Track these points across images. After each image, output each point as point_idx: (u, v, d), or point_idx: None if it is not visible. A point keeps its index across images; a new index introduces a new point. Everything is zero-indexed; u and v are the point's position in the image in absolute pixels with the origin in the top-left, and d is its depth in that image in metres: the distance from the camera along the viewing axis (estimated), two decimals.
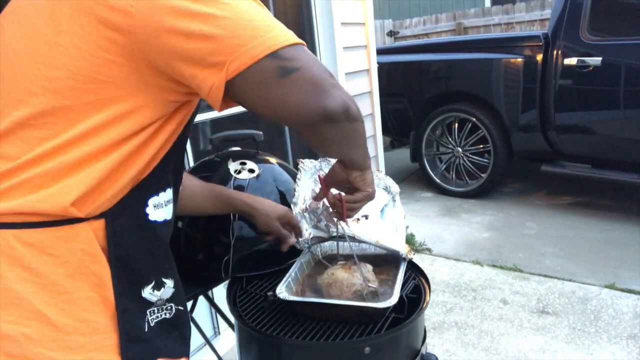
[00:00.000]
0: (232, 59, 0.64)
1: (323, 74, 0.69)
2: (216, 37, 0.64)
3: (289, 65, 0.66)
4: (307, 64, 0.68)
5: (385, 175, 1.34)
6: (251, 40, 0.65)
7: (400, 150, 5.66)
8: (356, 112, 0.73)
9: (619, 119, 3.30)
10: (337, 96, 0.69)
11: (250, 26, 0.66)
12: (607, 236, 3.20)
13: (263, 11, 0.69)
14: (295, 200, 1.19)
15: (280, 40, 0.66)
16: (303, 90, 0.67)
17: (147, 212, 0.75)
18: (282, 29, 0.68)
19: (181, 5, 0.64)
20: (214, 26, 0.64)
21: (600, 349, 2.13)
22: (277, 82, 0.66)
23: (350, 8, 3.13)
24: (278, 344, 1.00)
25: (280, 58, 0.66)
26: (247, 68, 0.65)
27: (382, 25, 7.66)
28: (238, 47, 0.64)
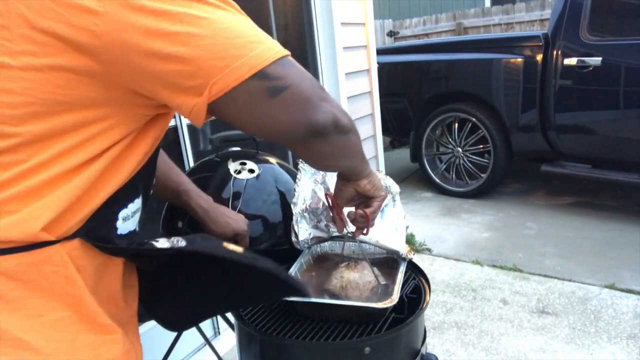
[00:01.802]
0: (215, 81, 0.60)
1: (313, 89, 0.67)
2: (195, 59, 0.59)
3: (278, 85, 0.63)
4: (297, 80, 0.65)
5: (385, 175, 1.34)
6: (234, 60, 0.60)
7: (400, 150, 5.66)
8: (347, 123, 0.71)
9: (619, 119, 3.30)
10: (326, 110, 0.67)
11: (233, 45, 0.60)
12: (607, 236, 3.20)
13: (245, 23, 0.64)
14: (295, 200, 1.19)
15: (265, 57, 0.62)
16: (293, 108, 0.65)
17: (116, 225, 0.71)
18: (267, 43, 0.64)
19: (154, 24, 0.58)
20: (192, 47, 0.59)
21: (600, 349, 2.13)
22: (266, 103, 0.63)
23: (350, 8, 3.13)
24: (278, 344, 1.00)
25: (267, 78, 0.62)
26: (231, 90, 0.61)
27: (382, 25, 7.66)
28: (220, 68, 0.60)
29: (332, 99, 0.70)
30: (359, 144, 0.80)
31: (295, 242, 1.19)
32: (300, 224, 1.19)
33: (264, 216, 1.23)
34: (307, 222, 1.20)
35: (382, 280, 1.09)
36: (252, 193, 1.21)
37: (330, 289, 1.09)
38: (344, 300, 1.03)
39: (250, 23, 0.65)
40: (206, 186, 1.26)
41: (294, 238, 1.18)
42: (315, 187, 1.22)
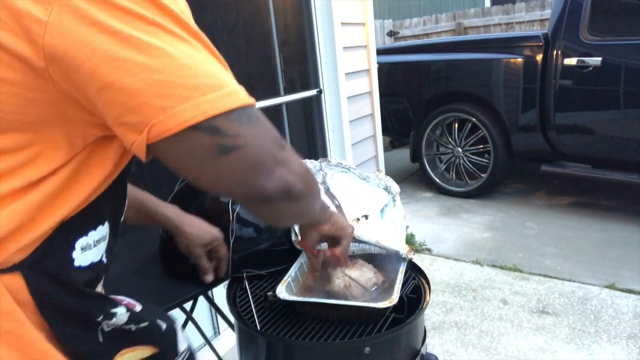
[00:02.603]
0: (155, 122, 0.51)
1: (268, 151, 0.57)
2: (138, 93, 0.51)
3: (229, 143, 0.54)
4: (253, 139, 0.56)
5: (385, 176, 1.34)
6: (181, 101, 0.51)
7: (400, 150, 5.66)
8: (301, 190, 0.62)
9: (619, 119, 3.30)
10: (279, 177, 0.58)
11: (185, 84, 0.52)
12: (607, 236, 3.20)
13: (208, 61, 0.55)
14: None
15: (219, 103, 0.53)
16: (240, 172, 0.56)
17: (72, 256, 0.63)
18: (226, 88, 0.54)
19: (102, 45, 0.50)
20: (138, 79, 0.50)
21: (600, 349, 2.13)
22: (210, 159, 0.54)
23: (350, 8, 3.13)
24: (278, 344, 1.00)
25: (218, 132, 0.53)
26: (172, 135, 0.52)
27: (382, 25, 7.66)
28: (164, 109, 0.51)
29: (291, 159, 0.60)
30: (315, 203, 0.72)
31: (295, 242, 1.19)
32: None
33: None
34: None
35: (380, 276, 1.09)
36: None
37: (334, 289, 1.08)
38: (350, 299, 1.03)
39: (214, 62, 0.56)
40: None
41: (294, 237, 1.18)
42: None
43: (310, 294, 1.09)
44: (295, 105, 2.97)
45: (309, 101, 3.06)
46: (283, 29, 2.86)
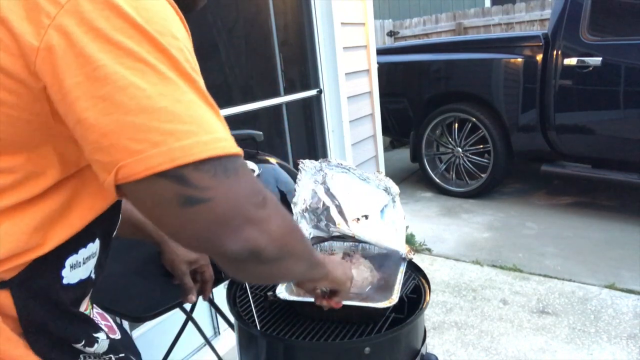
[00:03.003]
0: (123, 164, 0.49)
1: (239, 208, 0.53)
2: (110, 133, 0.49)
3: (195, 195, 0.51)
4: (222, 194, 0.52)
5: (385, 177, 1.34)
6: (152, 147, 0.49)
7: (400, 150, 5.66)
8: (275, 253, 0.57)
9: (619, 119, 3.30)
10: (246, 237, 0.54)
11: (159, 129, 0.49)
12: (607, 236, 3.20)
13: (194, 104, 0.52)
14: (296, 200, 1.19)
15: (193, 151, 0.50)
16: (203, 226, 0.52)
17: (62, 274, 0.62)
18: (205, 135, 0.51)
19: (88, 76, 0.49)
20: (112, 119, 0.48)
21: (600, 349, 2.13)
22: (174, 210, 0.51)
23: (350, 8, 3.13)
24: (278, 344, 1.00)
25: (185, 182, 0.50)
26: (138, 180, 0.50)
27: (382, 25, 7.66)
28: (133, 152, 0.49)
29: (270, 218, 0.56)
30: (299, 265, 0.66)
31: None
32: (300, 224, 1.19)
33: None
34: (307, 222, 1.20)
35: (376, 273, 1.09)
36: None
37: None
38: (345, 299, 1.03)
39: (201, 107, 0.52)
40: None
41: None
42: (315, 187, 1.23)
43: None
44: (295, 105, 2.97)
45: (309, 101, 3.06)
46: (283, 29, 2.86)
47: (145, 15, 0.51)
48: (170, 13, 0.54)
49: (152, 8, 0.52)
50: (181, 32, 0.54)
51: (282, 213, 0.59)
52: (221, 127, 0.53)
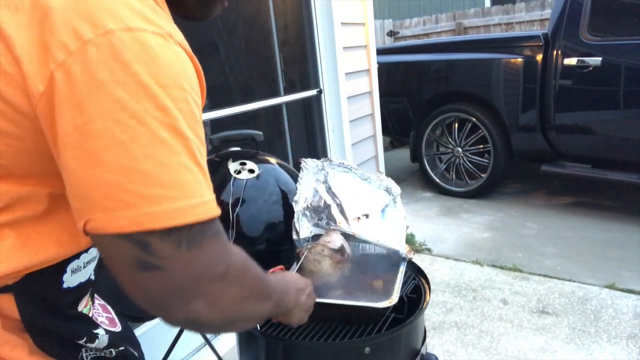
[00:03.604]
0: (93, 218, 0.51)
1: (191, 280, 0.54)
2: (88, 187, 0.50)
3: (152, 262, 0.52)
4: (179, 265, 0.53)
5: (386, 177, 1.34)
6: (125, 207, 0.50)
7: (400, 150, 5.66)
8: (215, 323, 0.59)
9: (619, 119, 3.30)
10: (191, 310, 0.55)
11: (136, 191, 0.50)
12: (607, 236, 3.20)
13: (180, 168, 0.52)
14: (297, 198, 1.20)
15: (163, 218, 0.50)
16: (153, 292, 0.54)
17: (63, 279, 0.64)
18: (183, 202, 0.51)
19: (79, 128, 0.49)
20: (93, 174, 0.50)
21: (600, 349, 2.13)
22: (130, 272, 0.53)
23: (350, 8, 3.13)
24: (278, 344, 1.00)
25: (147, 248, 0.51)
26: (103, 235, 0.51)
27: (382, 25, 7.66)
28: (105, 209, 0.50)
29: (224, 292, 0.57)
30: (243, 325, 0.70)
31: (297, 240, 1.19)
32: (301, 222, 1.19)
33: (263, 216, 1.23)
34: (308, 220, 1.20)
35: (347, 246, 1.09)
36: (253, 193, 1.21)
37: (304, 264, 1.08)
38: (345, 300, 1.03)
39: (187, 170, 0.52)
40: None
41: (294, 236, 1.18)
42: (317, 186, 1.23)
43: None
44: (295, 105, 2.97)
45: (309, 101, 3.06)
46: (283, 29, 2.86)
47: (153, 69, 0.51)
48: (184, 62, 0.54)
49: (164, 60, 0.52)
50: (191, 81, 0.55)
51: (243, 279, 0.60)
52: (203, 190, 0.54)
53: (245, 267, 0.62)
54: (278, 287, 0.75)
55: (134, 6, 0.52)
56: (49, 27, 0.50)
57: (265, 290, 0.68)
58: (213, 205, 0.55)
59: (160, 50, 0.52)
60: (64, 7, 0.50)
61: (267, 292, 0.68)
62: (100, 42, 0.50)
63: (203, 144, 0.57)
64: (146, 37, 0.51)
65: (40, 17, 0.51)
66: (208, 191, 0.55)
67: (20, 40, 0.51)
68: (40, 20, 0.51)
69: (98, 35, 0.50)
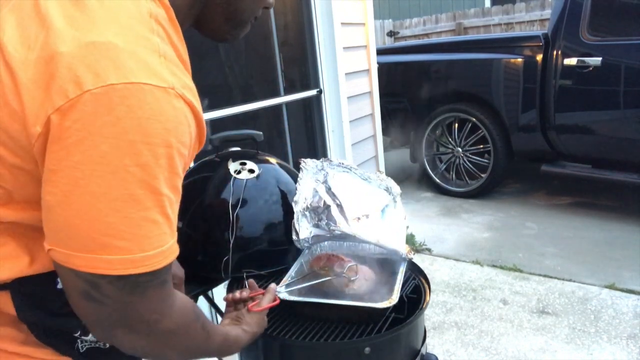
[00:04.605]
0: (52, 248, 0.56)
1: (125, 320, 0.60)
2: (55, 222, 0.56)
3: (96, 296, 0.58)
4: (119, 305, 0.59)
5: (386, 177, 1.34)
6: (85, 251, 0.55)
7: (400, 150, 5.66)
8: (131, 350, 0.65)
9: (619, 119, 3.30)
10: (111, 337, 0.63)
11: (97, 240, 0.54)
12: (607, 236, 3.20)
13: (144, 221, 0.56)
14: (297, 199, 1.19)
15: (116, 267, 0.56)
16: (92, 318, 0.61)
17: (57, 280, 0.65)
18: (140, 253, 0.56)
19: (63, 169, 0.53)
20: (60, 215, 0.55)
21: (600, 349, 2.13)
22: (76, 298, 0.59)
23: (350, 8, 3.13)
24: (278, 344, 1.00)
25: (95, 287, 0.57)
26: (59, 264, 0.57)
27: (382, 25, 7.67)
28: (66, 246, 0.55)
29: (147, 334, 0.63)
30: None
31: (296, 241, 1.19)
32: (301, 223, 1.19)
33: (263, 216, 1.22)
34: (308, 221, 1.20)
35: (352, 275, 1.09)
36: (252, 193, 1.21)
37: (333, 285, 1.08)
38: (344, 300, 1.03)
39: (151, 223, 0.56)
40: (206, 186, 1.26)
41: (294, 236, 1.18)
42: (316, 186, 1.23)
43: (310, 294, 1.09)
44: (295, 105, 2.97)
45: (309, 101, 3.06)
46: (283, 29, 2.86)
47: (144, 126, 0.53)
48: (179, 117, 0.56)
49: (157, 117, 0.54)
50: (182, 136, 0.57)
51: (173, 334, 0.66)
52: (163, 240, 0.58)
53: (183, 322, 0.68)
54: (219, 347, 0.83)
55: (142, 57, 0.55)
56: (53, 70, 0.53)
57: (196, 347, 0.74)
58: (169, 253, 0.59)
59: (156, 106, 0.54)
60: (73, 54, 0.53)
61: (198, 349, 0.75)
62: (98, 93, 0.52)
63: (177, 194, 0.60)
64: (145, 92, 0.53)
65: (47, 58, 0.53)
66: (170, 238, 0.59)
67: (25, 80, 0.53)
68: (47, 61, 0.53)
69: (97, 87, 0.52)
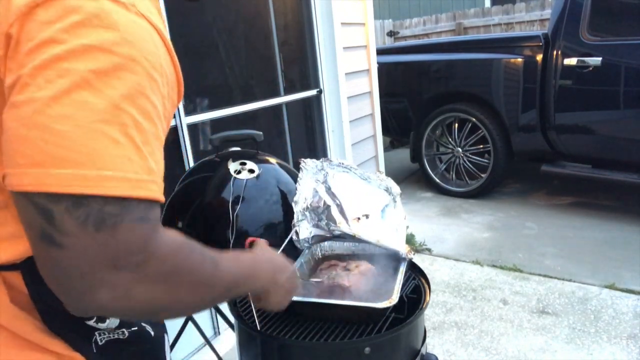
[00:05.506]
0: (7, 172, 0.49)
1: (95, 269, 0.49)
2: (8, 140, 0.49)
3: (54, 236, 0.48)
4: (81, 247, 0.48)
5: (386, 177, 1.34)
6: (32, 165, 0.47)
7: (400, 150, 5.66)
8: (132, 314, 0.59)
9: (619, 119, 3.30)
10: (92, 301, 0.51)
11: (44, 149, 0.47)
12: (607, 236, 3.20)
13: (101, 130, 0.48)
14: (297, 199, 1.20)
15: (68, 184, 0.47)
16: (53, 271, 0.50)
17: None
18: (95, 171, 0.48)
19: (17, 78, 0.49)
20: (11, 127, 0.49)
21: (600, 349, 2.13)
22: (35, 240, 0.50)
23: (350, 8, 3.13)
24: (278, 344, 1.00)
25: (48, 217, 0.48)
26: (15, 192, 0.49)
27: (382, 25, 7.66)
28: (15, 165, 0.48)
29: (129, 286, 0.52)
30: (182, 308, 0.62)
31: (296, 241, 1.19)
32: (301, 223, 1.19)
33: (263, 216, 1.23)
34: (308, 221, 1.20)
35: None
36: (252, 193, 1.21)
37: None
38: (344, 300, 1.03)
39: (108, 138, 0.49)
40: (206, 186, 1.26)
41: (294, 236, 1.18)
42: (316, 186, 1.23)
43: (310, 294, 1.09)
44: (295, 105, 2.97)
45: (309, 101, 3.06)
46: (283, 29, 2.86)
47: (101, 33, 0.49)
48: (142, 34, 0.53)
49: (115, 26, 0.50)
50: (148, 54, 0.52)
51: (170, 274, 0.55)
52: (127, 167, 0.49)
53: (177, 260, 0.56)
54: (236, 272, 0.69)
55: None
56: None
57: (207, 280, 0.62)
58: (142, 185, 0.50)
59: (116, 17, 0.50)
60: None
61: (210, 282, 0.63)
62: (49, 5, 0.49)
63: (150, 121, 0.52)
64: (101, 2, 0.50)
65: None
66: (139, 169, 0.50)
67: None
68: None
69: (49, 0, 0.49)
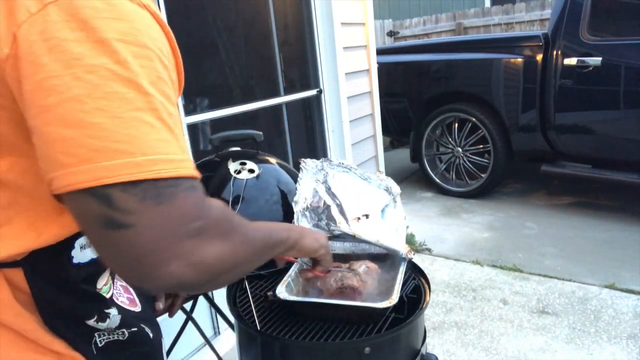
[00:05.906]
0: (54, 176, 0.50)
1: (165, 240, 0.50)
2: (48, 144, 0.49)
3: (118, 218, 0.49)
4: (148, 221, 0.49)
5: (386, 176, 1.34)
6: (81, 162, 0.48)
7: (400, 150, 5.66)
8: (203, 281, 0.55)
9: (619, 119, 3.30)
10: (169, 273, 0.51)
11: (91, 145, 0.48)
12: (607, 236, 3.20)
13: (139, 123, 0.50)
14: (297, 199, 1.19)
15: (121, 172, 0.49)
16: (125, 255, 0.50)
17: (72, 255, 0.63)
18: (143, 157, 0.49)
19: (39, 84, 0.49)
20: (51, 130, 0.49)
21: (600, 349, 2.13)
22: (99, 231, 0.50)
23: (350, 8, 3.13)
24: (278, 344, 1.00)
25: (110, 203, 0.49)
26: (65, 193, 0.50)
27: (382, 25, 7.67)
28: (63, 166, 0.49)
29: (199, 247, 0.53)
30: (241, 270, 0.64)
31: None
32: (301, 223, 1.19)
33: (263, 216, 1.22)
34: (308, 221, 1.20)
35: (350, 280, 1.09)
36: (252, 193, 1.21)
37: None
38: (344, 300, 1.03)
39: (148, 126, 0.50)
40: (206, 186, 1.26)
41: None
42: (316, 186, 1.23)
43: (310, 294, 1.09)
44: (295, 105, 2.97)
45: (309, 101, 3.06)
46: (283, 29, 2.86)
47: (114, 25, 0.50)
48: (147, 23, 0.54)
49: (126, 17, 0.52)
50: (156, 42, 0.54)
51: (228, 234, 0.57)
52: (168, 149, 0.51)
53: (229, 218, 0.59)
54: (268, 225, 0.75)
55: None
56: None
57: (253, 232, 0.65)
58: (183, 165, 0.52)
59: (122, 8, 0.52)
60: None
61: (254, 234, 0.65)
62: (60, 2, 0.50)
63: (173, 105, 0.54)
64: None
65: None
66: (176, 149, 0.52)
67: None
68: None
69: None
